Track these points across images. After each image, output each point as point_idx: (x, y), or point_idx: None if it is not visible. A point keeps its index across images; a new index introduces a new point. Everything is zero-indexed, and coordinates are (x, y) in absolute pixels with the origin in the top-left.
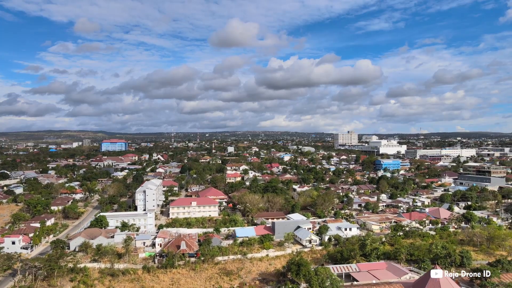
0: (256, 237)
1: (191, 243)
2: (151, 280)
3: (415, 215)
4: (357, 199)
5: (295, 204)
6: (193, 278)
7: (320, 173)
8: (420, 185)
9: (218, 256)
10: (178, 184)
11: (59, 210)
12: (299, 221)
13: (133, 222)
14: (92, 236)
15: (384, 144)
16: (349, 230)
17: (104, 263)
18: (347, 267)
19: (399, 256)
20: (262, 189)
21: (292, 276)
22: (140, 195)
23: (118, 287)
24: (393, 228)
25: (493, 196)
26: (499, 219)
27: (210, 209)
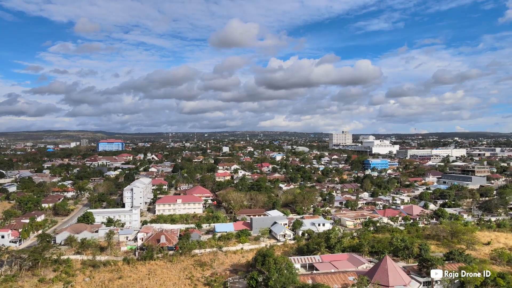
0: (234, 232)
1: (171, 237)
2: (129, 271)
3: (389, 212)
4: (339, 197)
5: (275, 202)
6: (169, 269)
7: (308, 172)
8: (403, 184)
9: (195, 249)
10: (167, 182)
11: (49, 207)
12: (276, 217)
13: (119, 218)
14: (78, 231)
15: (377, 144)
16: (322, 225)
17: (87, 255)
18: (311, 258)
19: (362, 248)
20: (248, 188)
21: (258, 266)
22: (127, 193)
23: (98, 276)
24: (364, 223)
25: (471, 195)
26: (469, 215)
27: (195, 206)
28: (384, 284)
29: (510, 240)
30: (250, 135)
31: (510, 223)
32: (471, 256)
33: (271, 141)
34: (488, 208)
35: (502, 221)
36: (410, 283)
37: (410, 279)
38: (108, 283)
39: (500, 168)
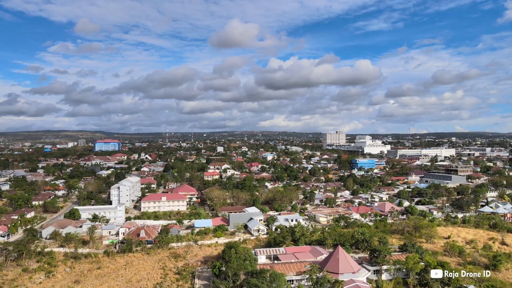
0: (212, 227)
1: (150, 232)
2: (108, 262)
3: (362, 209)
4: (320, 195)
5: (255, 199)
6: (145, 260)
7: (295, 172)
8: (385, 183)
9: (172, 243)
10: (156, 181)
11: (39, 205)
12: (252, 214)
13: (104, 215)
14: (62, 226)
15: (369, 144)
16: (295, 221)
17: (70, 248)
18: (276, 250)
19: (325, 241)
20: (232, 186)
21: (225, 257)
22: (114, 191)
23: (78, 267)
24: (335, 219)
25: (448, 193)
26: (439, 212)
27: (179, 204)
28: (334, 271)
29: (469, 235)
30: (248, 135)
31: (474, 220)
32: (423, 248)
33: (267, 141)
34: (460, 205)
35: (467, 217)
36: (359, 271)
37: (359, 268)
38: (86, 273)
39: (484, 168)
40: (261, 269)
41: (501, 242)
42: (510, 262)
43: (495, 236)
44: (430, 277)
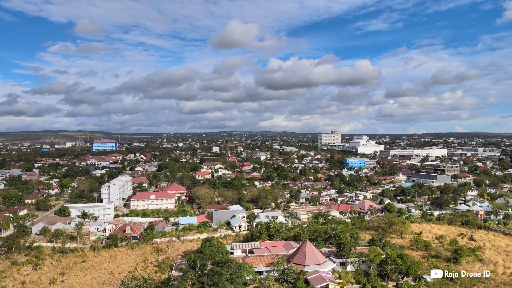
0: (196, 224)
1: (136, 228)
2: (94, 256)
3: (343, 207)
4: (306, 193)
5: (241, 198)
6: (129, 254)
7: (286, 171)
8: (372, 182)
9: (156, 238)
10: (148, 180)
11: (32, 203)
12: (236, 211)
13: (93, 212)
14: (52, 222)
15: (363, 144)
16: (276, 218)
17: (57, 243)
18: (251, 244)
19: (300, 237)
20: (221, 185)
21: (202, 250)
22: (105, 189)
23: (64, 261)
24: (314, 216)
25: (430, 192)
26: (417, 210)
27: (167, 202)
28: (301, 263)
29: (441, 231)
30: (248, 136)
31: (449, 217)
32: (390, 242)
33: (263, 141)
34: (439, 204)
35: (443, 215)
36: (324, 263)
37: (325, 260)
38: (72, 266)
39: (472, 168)
40: (226, 259)
41: (470, 237)
42: (472, 256)
43: (464, 232)
44: (389, 269)
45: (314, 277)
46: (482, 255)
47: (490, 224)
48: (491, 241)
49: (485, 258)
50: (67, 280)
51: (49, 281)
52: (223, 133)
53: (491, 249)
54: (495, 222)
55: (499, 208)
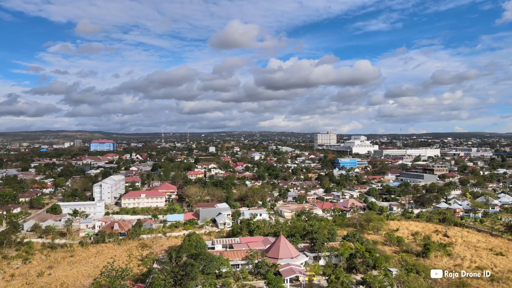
0: (183, 221)
1: (124, 225)
2: (82, 251)
3: (326, 205)
4: (293, 192)
5: (229, 196)
6: (115, 250)
7: (277, 171)
8: (360, 181)
9: (143, 235)
10: (140, 180)
11: (25, 201)
12: (221, 209)
13: (84, 210)
14: (43, 220)
15: (357, 144)
16: (260, 215)
17: (47, 239)
18: (232, 239)
19: (279, 233)
20: (212, 184)
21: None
22: (97, 188)
23: (53, 255)
24: (297, 214)
25: (416, 191)
26: (399, 208)
27: (157, 200)
28: (274, 257)
29: (417, 228)
30: (247, 136)
31: (428, 215)
32: (362, 237)
33: (260, 142)
34: (422, 202)
35: (423, 213)
36: (297, 257)
37: (299, 254)
38: (60, 260)
39: (461, 167)
40: (200, 252)
41: (444, 234)
42: (441, 251)
43: (440, 229)
44: (358, 262)
45: (285, 269)
46: (452, 250)
47: (466, 222)
48: (464, 237)
49: (454, 253)
50: (54, 273)
51: (37, 274)
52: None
53: (461, 245)
54: (472, 219)
55: (477, 206)
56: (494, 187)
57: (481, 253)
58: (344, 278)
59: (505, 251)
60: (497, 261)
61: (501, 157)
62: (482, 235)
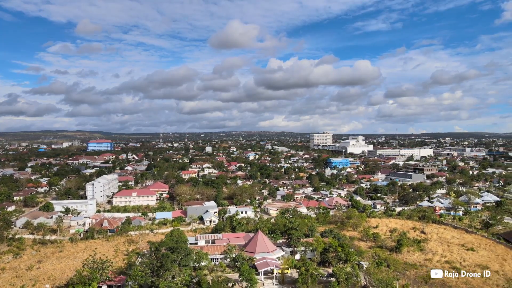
0: (171, 218)
1: (113, 222)
2: (71, 247)
3: (311, 203)
4: (282, 191)
5: (217, 195)
6: (103, 245)
7: (270, 170)
8: (350, 180)
9: (131, 231)
10: (134, 179)
11: (20, 200)
12: (209, 207)
13: (75, 208)
14: (35, 217)
15: (352, 144)
16: (245, 213)
17: (38, 235)
18: (214, 235)
19: (260, 229)
20: (203, 183)
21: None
22: (89, 187)
23: (43, 251)
24: (281, 212)
25: (402, 190)
26: (383, 206)
27: (148, 199)
28: (252, 251)
29: (396, 225)
30: (246, 136)
31: (408, 212)
32: (339, 233)
33: (258, 142)
34: (406, 200)
35: (404, 211)
36: (274, 251)
37: (275, 248)
38: (49, 255)
39: (451, 167)
40: (177, 246)
41: (421, 231)
42: (414, 246)
43: (418, 225)
44: (331, 256)
45: (260, 262)
46: (425, 246)
47: (445, 219)
48: (440, 233)
49: (426, 248)
50: (43, 267)
51: (26, 268)
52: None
53: (436, 241)
54: (451, 217)
55: (458, 205)
56: (481, 186)
57: (452, 249)
58: (314, 270)
59: (476, 247)
60: (466, 256)
61: (493, 157)
62: (458, 232)
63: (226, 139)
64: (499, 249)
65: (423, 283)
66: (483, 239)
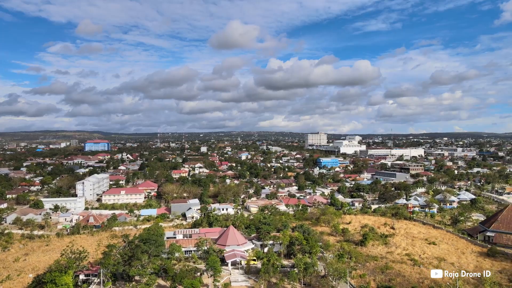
0: (155, 215)
1: (99, 219)
2: (57, 241)
3: (292, 201)
4: (267, 190)
5: (203, 193)
6: (87, 240)
7: (259, 170)
8: (336, 179)
9: (115, 227)
10: (125, 178)
11: (12, 198)
12: (192, 204)
13: (64, 205)
14: (25, 213)
15: (345, 144)
16: (225, 210)
17: (27, 230)
18: (192, 230)
19: (237, 224)
20: (192, 182)
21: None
22: (79, 185)
23: (30, 244)
24: (261, 209)
25: (384, 188)
26: (360, 204)
27: (136, 197)
28: (223, 244)
29: (369, 221)
30: (245, 136)
31: (383, 210)
32: (310, 229)
33: (254, 142)
34: (385, 199)
35: (380, 208)
36: (244, 244)
37: (245, 241)
38: (36, 248)
39: (438, 167)
40: (148, 237)
41: (391, 226)
42: (380, 240)
43: (389, 222)
44: (296, 248)
45: (229, 254)
46: (391, 240)
47: (417, 216)
48: (408, 229)
49: (391, 242)
50: (29, 259)
51: (13, 260)
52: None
53: (402, 235)
54: (423, 214)
55: (432, 202)
56: (462, 185)
57: (415, 243)
58: (275, 261)
59: (438, 241)
60: (427, 249)
61: (482, 156)
62: (425, 228)
63: (225, 139)
64: (461, 243)
65: (379, 273)
66: (448, 234)
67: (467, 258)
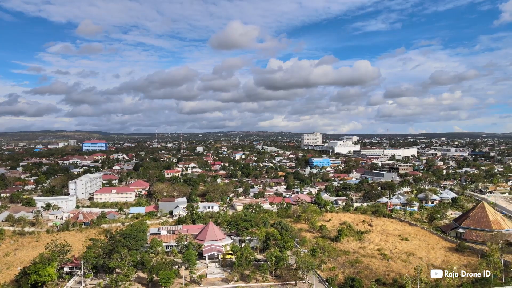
0: (143, 213)
1: (89, 216)
2: (46, 237)
3: (276, 199)
4: (256, 189)
5: (191, 192)
6: (76, 236)
7: (251, 169)
8: (324, 179)
9: (104, 224)
10: (118, 177)
11: (6, 196)
12: (179, 202)
13: (56, 204)
14: (17, 211)
15: (340, 144)
16: (211, 208)
17: (18, 227)
18: (176, 227)
19: (220, 221)
20: (183, 181)
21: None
22: (72, 184)
23: (21, 240)
24: (245, 207)
25: (370, 188)
26: (343, 202)
27: (127, 196)
28: (202, 239)
29: (348, 218)
30: (244, 136)
31: (364, 208)
32: (288, 225)
33: (251, 142)
34: (369, 197)
35: (362, 206)
36: (222, 239)
37: (224, 237)
38: (26, 244)
39: (427, 166)
40: (129, 232)
41: (369, 223)
42: (355, 236)
43: (367, 219)
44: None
45: (206, 248)
46: (366, 236)
47: (396, 214)
48: (384, 226)
49: (365, 238)
50: (18, 254)
51: (4, 254)
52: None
53: (378, 232)
54: (402, 212)
55: (412, 201)
56: (448, 184)
57: (389, 239)
58: (248, 255)
59: (412, 237)
60: (399, 245)
61: (474, 156)
62: (402, 225)
63: (224, 139)
64: (432, 239)
65: (349, 266)
66: (421, 231)
67: (436, 253)
